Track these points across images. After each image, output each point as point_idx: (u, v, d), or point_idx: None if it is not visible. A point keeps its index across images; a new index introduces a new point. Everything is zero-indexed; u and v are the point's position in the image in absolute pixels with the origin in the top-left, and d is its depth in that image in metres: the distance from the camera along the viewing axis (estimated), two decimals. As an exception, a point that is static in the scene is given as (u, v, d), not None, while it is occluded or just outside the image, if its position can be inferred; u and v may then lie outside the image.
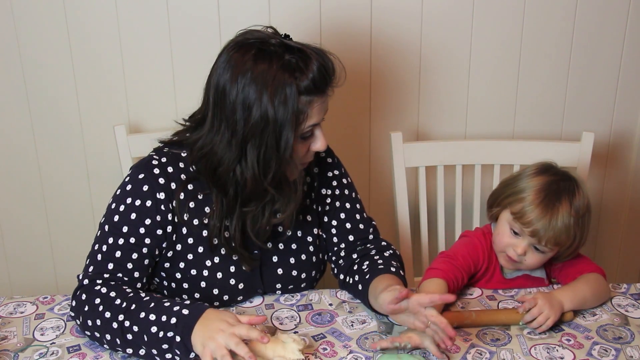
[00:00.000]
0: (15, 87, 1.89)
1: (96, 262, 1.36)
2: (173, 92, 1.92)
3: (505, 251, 1.48)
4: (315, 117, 1.32)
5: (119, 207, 1.38)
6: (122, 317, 1.25)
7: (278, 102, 1.26)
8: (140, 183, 1.37)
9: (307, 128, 1.32)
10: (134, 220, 1.36)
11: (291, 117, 1.27)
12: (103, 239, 1.37)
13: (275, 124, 1.27)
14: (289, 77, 1.26)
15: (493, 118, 2.04)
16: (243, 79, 1.27)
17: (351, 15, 1.89)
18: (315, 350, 1.30)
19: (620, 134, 2.09)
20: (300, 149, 1.35)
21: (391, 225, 1.96)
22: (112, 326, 1.25)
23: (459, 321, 1.37)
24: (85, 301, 1.30)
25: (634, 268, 2.28)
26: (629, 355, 1.29)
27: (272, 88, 1.25)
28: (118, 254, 1.35)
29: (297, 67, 1.27)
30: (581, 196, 1.45)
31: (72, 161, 1.97)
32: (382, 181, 2.05)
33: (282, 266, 1.49)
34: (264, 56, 1.27)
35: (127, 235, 1.36)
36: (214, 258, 1.42)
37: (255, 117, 1.27)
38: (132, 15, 1.85)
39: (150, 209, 1.36)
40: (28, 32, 1.84)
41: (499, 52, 1.97)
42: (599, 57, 1.99)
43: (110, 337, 1.26)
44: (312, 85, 1.28)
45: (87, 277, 1.34)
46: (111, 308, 1.26)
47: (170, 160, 1.40)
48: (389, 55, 1.95)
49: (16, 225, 2.04)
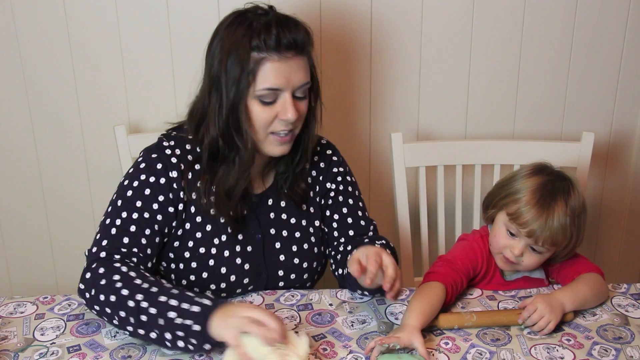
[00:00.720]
0: (15, 87, 1.89)
1: (110, 235, 1.37)
2: (173, 92, 1.93)
3: (502, 252, 1.48)
4: (270, 79, 1.35)
5: (133, 182, 1.41)
6: (140, 297, 1.24)
7: (232, 57, 1.34)
8: (154, 161, 1.42)
9: (263, 90, 1.35)
10: (147, 195, 1.39)
11: (239, 73, 1.34)
12: (116, 213, 1.39)
13: (227, 78, 1.35)
14: (245, 36, 1.34)
15: (493, 118, 2.04)
16: (217, 38, 1.39)
17: (351, 16, 1.89)
18: (315, 350, 1.30)
19: (620, 134, 2.09)
20: (262, 114, 1.38)
21: (391, 225, 1.96)
22: (128, 304, 1.24)
23: (460, 322, 1.37)
24: (103, 275, 1.29)
25: (634, 268, 2.28)
26: (629, 355, 1.29)
27: (229, 45, 1.35)
28: (133, 228, 1.37)
29: (257, 28, 1.34)
30: (576, 196, 1.45)
31: (72, 161, 1.98)
32: (382, 181, 2.05)
33: (285, 253, 1.52)
34: (237, 20, 1.37)
35: (141, 210, 1.39)
36: (221, 236, 1.46)
37: (215, 70, 1.37)
38: (132, 15, 1.85)
39: (163, 187, 1.41)
40: (28, 32, 1.84)
41: (499, 52, 1.97)
42: (599, 57, 2.00)
43: (125, 314, 1.25)
44: (263, 43, 1.33)
45: (103, 250, 1.35)
46: (130, 286, 1.26)
47: (178, 143, 1.46)
48: (389, 56, 1.95)
49: (16, 225, 2.04)
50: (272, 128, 1.40)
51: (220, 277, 1.47)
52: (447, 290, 1.40)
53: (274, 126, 1.39)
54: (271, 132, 1.40)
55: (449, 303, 1.42)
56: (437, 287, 1.40)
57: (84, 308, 1.42)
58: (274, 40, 1.33)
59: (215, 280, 1.46)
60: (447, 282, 1.41)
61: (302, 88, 1.39)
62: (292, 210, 1.54)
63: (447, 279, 1.42)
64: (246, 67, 1.33)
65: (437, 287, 1.40)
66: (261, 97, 1.36)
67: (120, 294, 1.26)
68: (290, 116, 1.37)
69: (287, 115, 1.37)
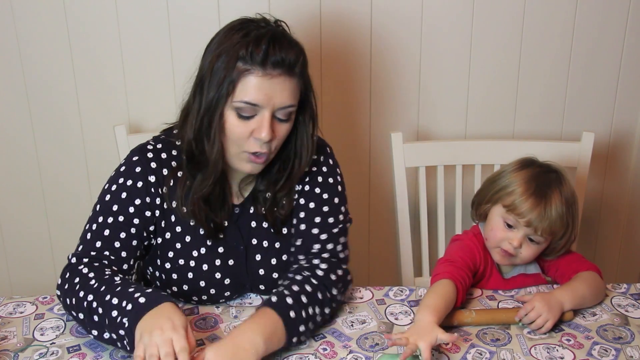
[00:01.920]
0: (15, 87, 1.89)
1: (85, 240, 1.39)
2: (173, 93, 1.92)
3: (500, 246, 1.49)
4: (250, 92, 1.30)
5: (111, 187, 1.41)
6: (91, 298, 1.27)
7: (220, 61, 1.32)
8: (134, 165, 1.41)
9: (240, 102, 1.30)
10: (124, 199, 1.39)
11: (222, 79, 1.31)
12: (94, 219, 1.40)
13: (211, 81, 1.32)
14: (237, 44, 1.31)
15: (493, 118, 2.04)
16: (215, 39, 1.37)
17: (351, 16, 1.89)
18: (315, 350, 1.30)
19: (620, 134, 2.09)
20: (237, 127, 1.32)
21: (391, 225, 1.96)
22: (83, 305, 1.27)
23: (459, 321, 1.37)
24: (67, 279, 1.33)
25: (634, 268, 2.28)
26: (629, 355, 1.29)
27: (221, 49, 1.33)
28: (107, 232, 1.37)
29: (249, 39, 1.31)
30: (567, 186, 1.48)
31: (72, 161, 1.98)
32: (382, 181, 2.05)
33: (264, 267, 1.47)
34: (238, 27, 1.34)
35: (116, 213, 1.38)
36: (200, 249, 1.43)
37: (204, 69, 1.35)
38: (132, 15, 1.85)
39: (140, 190, 1.39)
40: (28, 32, 1.84)
41: (499, 52, 1.97)
42: (599, 57, 2.00)
43: (83, 316, 1.28)
44: (249, 55, 1.30)
45: (75, 256, 1.37)
46: (85, 288, 1.29)
47: (165, 147, 1.43)
48: (389, 56, 1.95)
49: (16, 225, 2.04)
50: (247, 146, 1.33)
51: (200, 290, 1.43)
52: (457, 286, 1.41)
53: (249, 144, 1.33)
54: (245, 150, 1.34)
55: (462, 300, 1.42)
56: (447, 284, 1.40)
57: (83, 308, 1.42)
58: (261, 55, 1.29)
59: (196, 292, 1.43)
60: (454, 278, 1.42)
61: (285, 110, 1.33)
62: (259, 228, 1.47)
63: (454, 275, 1.42)
64: (229, 75, 1.30)
65: (447, 284, 1.40)
66: (238, 109, 1.31)
67: (78, 296, 1.29)
68: (265, 136, 1.30)
69: (261, 134, 1.31)
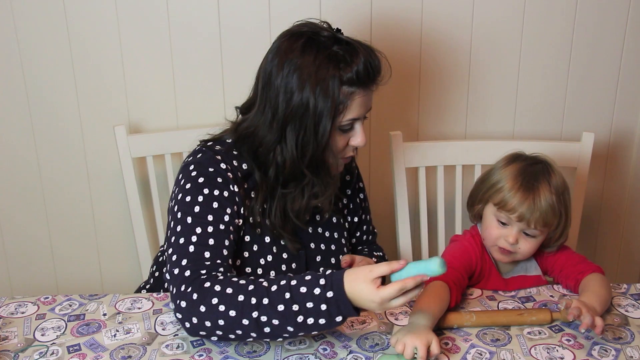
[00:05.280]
0: (15, 88, 1.89)
1: (189, 254, 1.30)
2: (173, 92, 1.93)
3: (497, 244, 1.49)
4: (355, 111, 1.36)
5: (197, 197, 1.35)
6: (256, 314, 1.20)
7: (319, 90, 1.31)
8: (214, 175, 1.38)
9: (347, 121, 1.36)
10: (216, 208, 1.35)
11: (330, 107, 1.32)
12: (190, 231, 1.32)
13: (315, 111, 1.32)
14: (333, 68, 1.31)
15: (493, 118, 2.04)
16: (289, 65, 1.32)
17: (351, 17, 1.89)
18: (315, 350, 1.30)
19: (620, 134, 2.09)
20: (339, 141, 1.39)
21: (391, 225, 1.96)
22: (243, 323, 1.21)
23: (459, 322, 1.37)
24: (199, 301, 1.23)
25: (634, 268, 2.28)
26: (629, 356, 1.29)
27: (315, 76, 1.30)
28: (211, 241, 1.32)
29: (343, 58, 1.31)
30: (556, 175, 1.48)
31: (72, 161, 1.98)
32: (382, 181, 2.05)
33: (325, 265, 1.53)
34: (311, 45, 1.32)
35: (214, 222, 1.34)
36: (267, 256, 1.45)
37: (296, 102, 1.32)
38: (132, 15, 1.85)
39: (228, 199, 1.37)
40: (28, 32, 1.84)
41: (499, 52, 1.97)
42: (599, 57, 2.00)
43: (242, 332, 1.22)
44: (355, 77, 1.32)
45: (187, 269, 1.28)
46: (236, 306, 1.21)
47: (225, 158, 1.41)
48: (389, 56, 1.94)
49: (16, 225, 2.04)
50: (344, 153, 1.42)
51: None
52: (450, 287, 1.41)
53: (346, 151, 1.42)
54: (342, 156, 1.42)
55: (456, 301, 1.43)
56: (440, 287, 1.41)
57: (84, 308, 1.43)
58: (363, 76, 1.33)
59: None
60: (448, 280, 1.42)
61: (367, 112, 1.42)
62: (326, 224, 1.55)
63: (448, 277, 1.43)
64: (337, 101, 1.32)
65: (440, 287, 1.41)
66: (342, 127, 1.37)
67: (229, 316, 1.21)
68: (362, 142, 1.40)
69: (359, 141, 1.40)
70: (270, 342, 1.31)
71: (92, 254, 2.08)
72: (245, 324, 1.21)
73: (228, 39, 1.89)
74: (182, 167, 1.42)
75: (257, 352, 1.28)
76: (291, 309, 1.20)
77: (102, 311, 1.41)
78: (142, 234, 1.91)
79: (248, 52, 1.82)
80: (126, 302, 1.45)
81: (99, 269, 2.10)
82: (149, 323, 1.37)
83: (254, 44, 1.85)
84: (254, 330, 1.21)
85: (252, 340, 1.27)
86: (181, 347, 1.30)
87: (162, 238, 1.92)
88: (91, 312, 1.41)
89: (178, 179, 1.41)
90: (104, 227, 2.05)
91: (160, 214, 1.92)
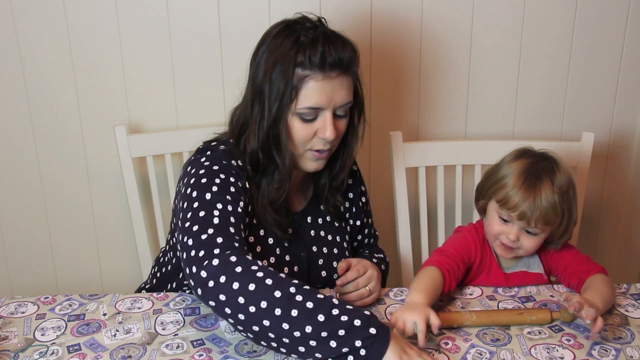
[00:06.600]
0: (15, 87, 1.89)
1: (214, 225, 1.25)
2: (173, 92, 1.93)
3: (498, 239, 1.50)
4: (313, 97, 1.33)
5: (214, 180, 1.33)
6: (293, 290, 1.17)
7: (277, 70, 1.33)
8: (226, 166, 1.37)
9: (304, 109, 1.34)
10: (233, 193, 1.34)
11: (283, 88, 1.33)
12: (211, 205, 1.28)
13: (271, 91, 1.34)
14: (291, 50, 1.32)
15: (493, 118, 2.04)
16: (264, 48, 1.37)
17: (351, 17, 1.89)
18: (315, 350, 1.30)
19: (620, 134, 2.09)
20: (301, 130, 1.37)
21: (391, 225, 1.96)
22: (274, 294, 1.15)
23: (459, 322, 1.37)
24: (237, 263, 1.19)
25: (634, 268, 2.28)
26: (629, 356, 1.29)
27: (275, 57, 1.33)
28: (232, 219, 1.29)
29: (303, 43, 1.33)
30: (561, 173, 1.46)
31: (72, 161, 1.98)
32: (382, 181, 2.05)
33: (326, 269, 1.53)
34: (285, 31, 1.36)
35: (233, 203, 1.31)
36: (270, 258, 1.44)
37: (259, 82, 1.36)
38: (132, 15, 1.85)
39: (241, 191, 1.36)
40: (28, 32, 1.84)
41: (499, 52, 1.97)
42: (599, 57, 2.00)
43: (267, 305, 1.15)
44: (308, 61, 1.32)
45: (218, 237, 1.23)
46: (275, 278, 1.18)
47: (233, 156, 1.41)
48: (389, 55, 1.95)
49: (16, 225, 2.04)
50: (310, 145, 1.39)
51: None
52: (443, 273, 1.42)
53: (312, 143, 1.39)
54: (309, 148, 1.40)
55: (450, 289, 1.44)
56: (433, 270, 1.42)
57: (84, 308, 1.42)
58: (319, 58, 1.31)
59: None
60: (441, 266, 1.43)
61: (344, 107, 1.39)
62: (328, 227, 1.56)
63: (441, 264, 1.44)
64: (290, 83, 1.32)
65: (433, 270, 1.42)
66: (302, 114, 1.35)
67: (265, 283, 1.16)
68: (329, 135, 1.36)
69: (325, 134, 1.36)
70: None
71: (92, 254, 2.08)
72: (276, 296, 1.15)
73: (228, 39, 1.89)
74: (189, 162, 1.42)
75: (257, 352, 1.28)
76: (330, 300, 1.17)
77: (102, 311, 1.41)
78: (142, 234, 1.91)
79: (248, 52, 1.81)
80: (126, 302, 1.45)
81: (99, 269, 2.10)
82: (149, 323, 1.37)
83: (254, 44, 1.84)
84: (281, 306, 1.14)
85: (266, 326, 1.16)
86: (181, 347, 1.30)
87: (162, 238, 1.92)
88: (91, 312, 1.41)
89: (187, 171, 1.39)
90: (104, 227, 2.05)
91: (160, 214, 1.92)
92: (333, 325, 1.14)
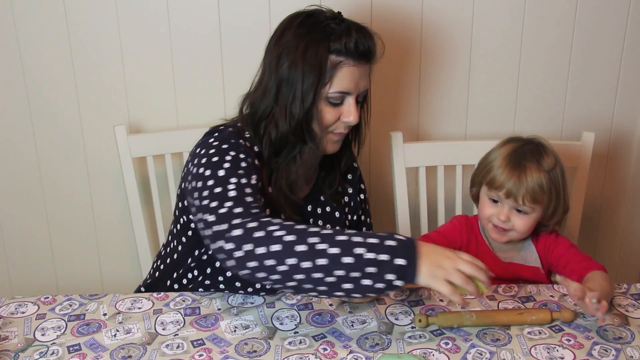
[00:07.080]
0: (15, 88, 1.89)
1: (232, 198, 1.28)
2: (173, 92, 1.93)
3: (490, 221, 1.54)
4: (344, 83, 1.40)
5: (225, 157, 1.36)
6: (315, 239, 1.19)
7: (308, 56, 1.37)
8: (236, 145, 1.40)
9: (334, 93, 1.40)
10: (245, 167, 1.36)
11: (316, 74, 1.37)
12: (225, 180, 1.31)
13: (302, 77, 1.37)
14: (323, 37, 1.37)
15: (493, 118, 2.04)
16: (286, 36, 1.41)
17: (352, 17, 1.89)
18: (315, 350, 1.30)
19: (620, 134, 2.09)
20: (328, 114, 1.42)
21: (391, 225, 1.96)
22: (298, 249, 1.18)
23: (459, 322, 1.37)
24: (257, 228, 1.21)
25: (634, 268, 2.28)
26: (629, 356, 1.29)
27: (305, 43, 1.38)
28: (248, 190, 1.31)
29: (334, 31, 1.38)
30: (547, 153, 1.52)
31: (72, 161, 1.98)
32: (382, 181, 2.05)
33: None
34: (309, 20, 1.41)
35: (246, 176, 1.34)
36: None
37: (286, 68, 1.38)
38: (132, 15, 1.85)
39: (253, 167, 1.38)
40: (28, 32, 1.84)
41: (499, 52, 1.97)
42: (599, 57, 2.00)
43: (296, 261, 1.18)
44: (344, 48, 1.37)
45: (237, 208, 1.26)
46: (294, 232, 1.20)
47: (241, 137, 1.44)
48: (389, 55, 1.94)
49: (16, 225, 2.04)
50: (333, 128, 1.45)
51: None
52: None
53: (335, 126, 1.45)
54: (331, 131, 1.46)
55: None
56: None
57: (84, 308, 1.42)
58: (353, 46, 1.38)
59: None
60: None
61: (364, 93, 1.47)
62: (327, 217, 1.58)
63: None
64: (324, 69, 1.37)
65: None
66: (331, 98, 1.41)
67: (286, 241, 1.19)
68: (353, 119, 1.43)
69: (350, 118, 1.43)
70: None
71: (92, 254, 2.08)
72: (301, 250, 1.18)
73: (228, 39, 1.89)
74: (197, 145, 1.44)
75: (257, 352, 1.28)
76: (352, 239, 1.19)
77: (102, 311, 1.41)
78: (142, 234, 1.91)
79: (248, 52, 1.82)
80: (126, 302, 1.45)
81: (99, 269, 2.10)
82: (149, 323, 1.37)
83: (254, 43, 1.84)
84: (307, 259, 1.17)
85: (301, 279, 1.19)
86: (181, 347, 1.30)
87: (162, 238, 1.92)
88: (91, 312, 1.41)
89: (196, 153, 1.41)
90: (104, 227, 2.05)
91: (161, 214, 1.92)
92: (361, 264, 1.18)
